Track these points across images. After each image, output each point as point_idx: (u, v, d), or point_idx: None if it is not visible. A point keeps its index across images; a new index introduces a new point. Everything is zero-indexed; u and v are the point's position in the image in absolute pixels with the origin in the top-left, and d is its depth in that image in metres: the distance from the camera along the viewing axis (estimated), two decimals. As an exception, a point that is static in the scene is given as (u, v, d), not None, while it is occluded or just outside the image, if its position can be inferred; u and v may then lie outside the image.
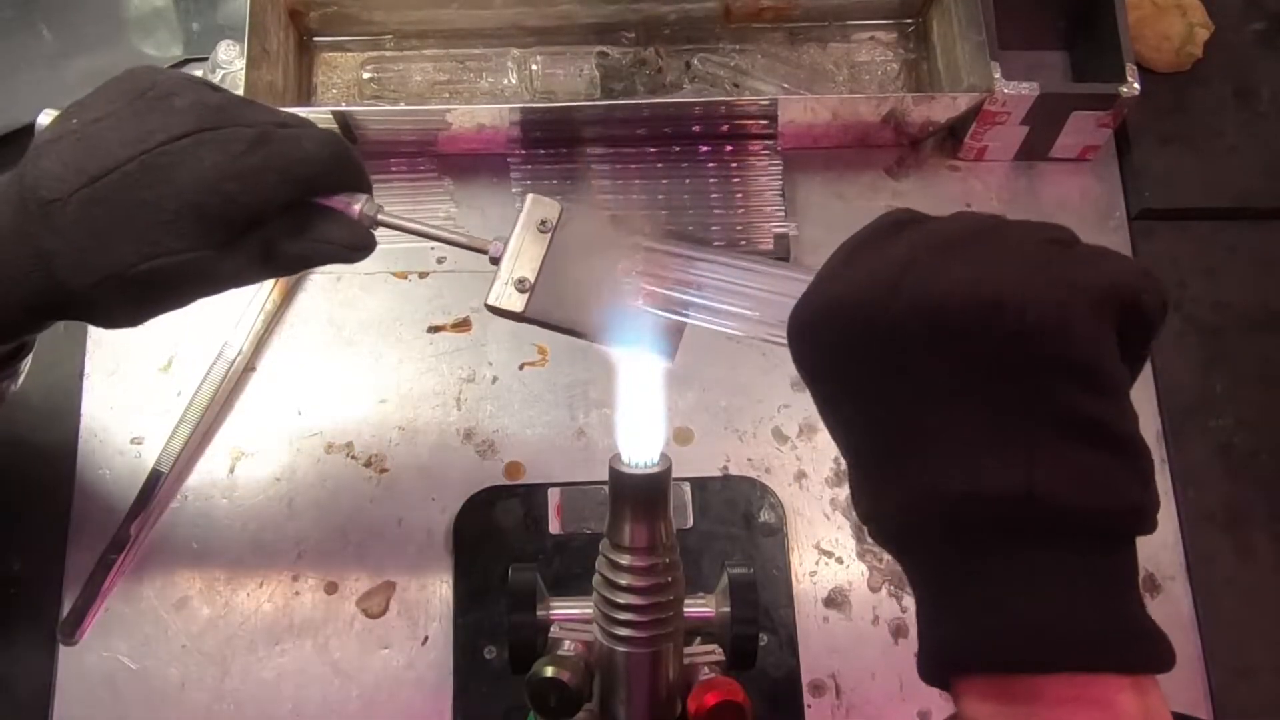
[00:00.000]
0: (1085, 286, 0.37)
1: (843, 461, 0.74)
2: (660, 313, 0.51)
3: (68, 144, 0.50)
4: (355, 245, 0.54)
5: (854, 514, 0.73)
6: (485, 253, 0.55)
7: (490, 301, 0.54)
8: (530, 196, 0.55)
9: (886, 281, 0.38)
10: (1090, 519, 0.37)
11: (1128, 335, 0.38)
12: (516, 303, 0.54)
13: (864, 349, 0.39)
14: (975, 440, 0.37)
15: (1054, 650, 0.37)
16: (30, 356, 0.61)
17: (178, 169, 0.49)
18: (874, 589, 0.72)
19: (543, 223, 0.54)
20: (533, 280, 0.54)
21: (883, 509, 0.41)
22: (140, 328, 0.75)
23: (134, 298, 0.51)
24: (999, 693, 0.38)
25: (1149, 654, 0.37)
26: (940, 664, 0.40)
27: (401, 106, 0.81)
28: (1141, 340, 0.39)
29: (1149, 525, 0.38)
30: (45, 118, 0.54)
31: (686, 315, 0.51)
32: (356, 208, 0.54)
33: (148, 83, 0.51)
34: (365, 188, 0.55)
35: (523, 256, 0.54)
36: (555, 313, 0.54)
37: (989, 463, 0.37)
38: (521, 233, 0.54)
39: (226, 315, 0.75)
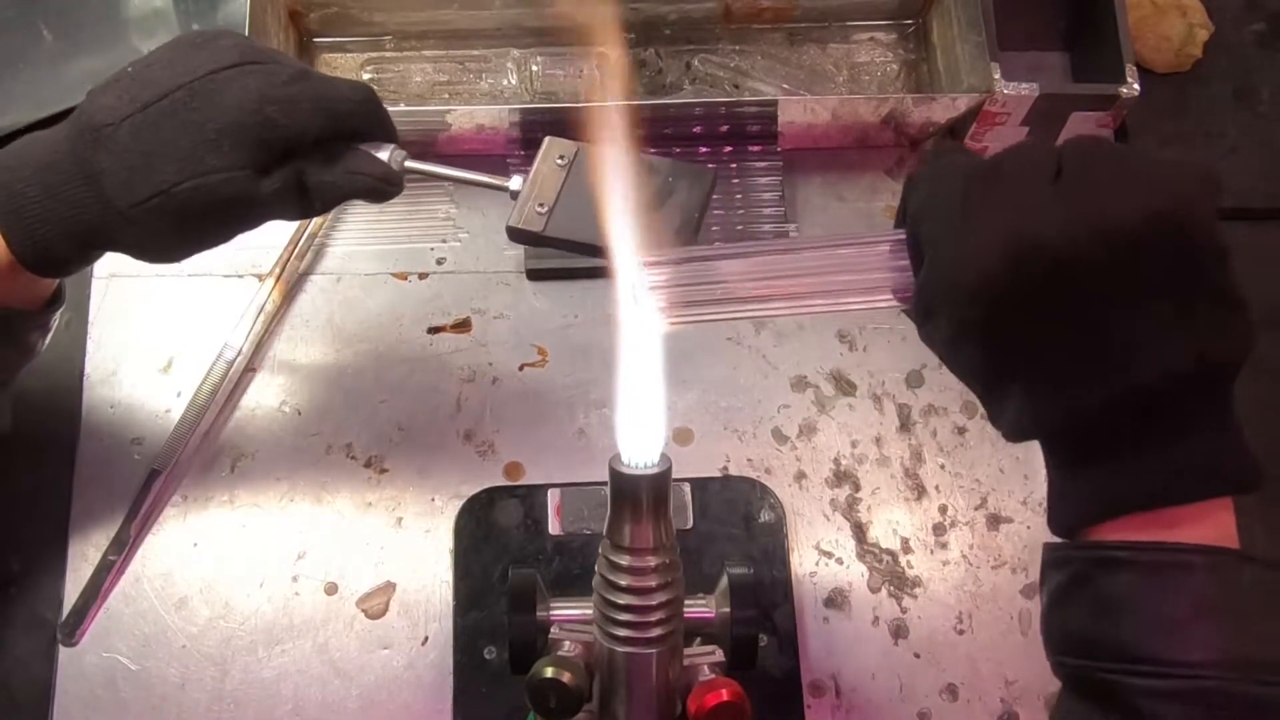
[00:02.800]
0: (1205, 183, 0.43)
1: (842, 462, 0.74)
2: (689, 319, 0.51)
3: (123, 82, 0.54)
4: (386, 179, 0.58)
5: (854, 515, 0.73)
6: (507, 189, 0.59)
7: (511, 222, 0.59)
8: (548, 138, 0.60)
9: (1060, 219, 0.42)
10: (1237, 369, 0.44)
11: None
12: (537, 222, 0.59)
13: (1058, 286, 0.43)
14: (1162, 327, 0.43)
15: (1200, 486, 0.44)
16: (60, 311, 0.63)
17: (223, 93, 0.53)
18: (874, 589, 0.72)
19: (560, 158, 0.59)
20: (551, 204, 0.58)
21: (1072, 409, 0.45)
22: (139, 328, 0.76)
23: (177, 220, 0.54)
24: (1134, 524, 0.44)
25: (1255, 477, 0.45)
26: (1084, 515, 0.46)
27: (401, 107, 0.81)
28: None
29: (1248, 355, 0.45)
30: None
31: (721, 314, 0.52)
32: (384, 154, 0.58)
33: (195, 34, 0.56)
34: (393, 137, 0.59)
35: (542, 186, 0.59)
36: (573, 230, 0.58)
37: (1171, 343, 0.43)
38: (540, 166, 0.59)
39: (226, 315, 0.75)
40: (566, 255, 0.76)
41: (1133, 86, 0.76)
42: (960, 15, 0.79)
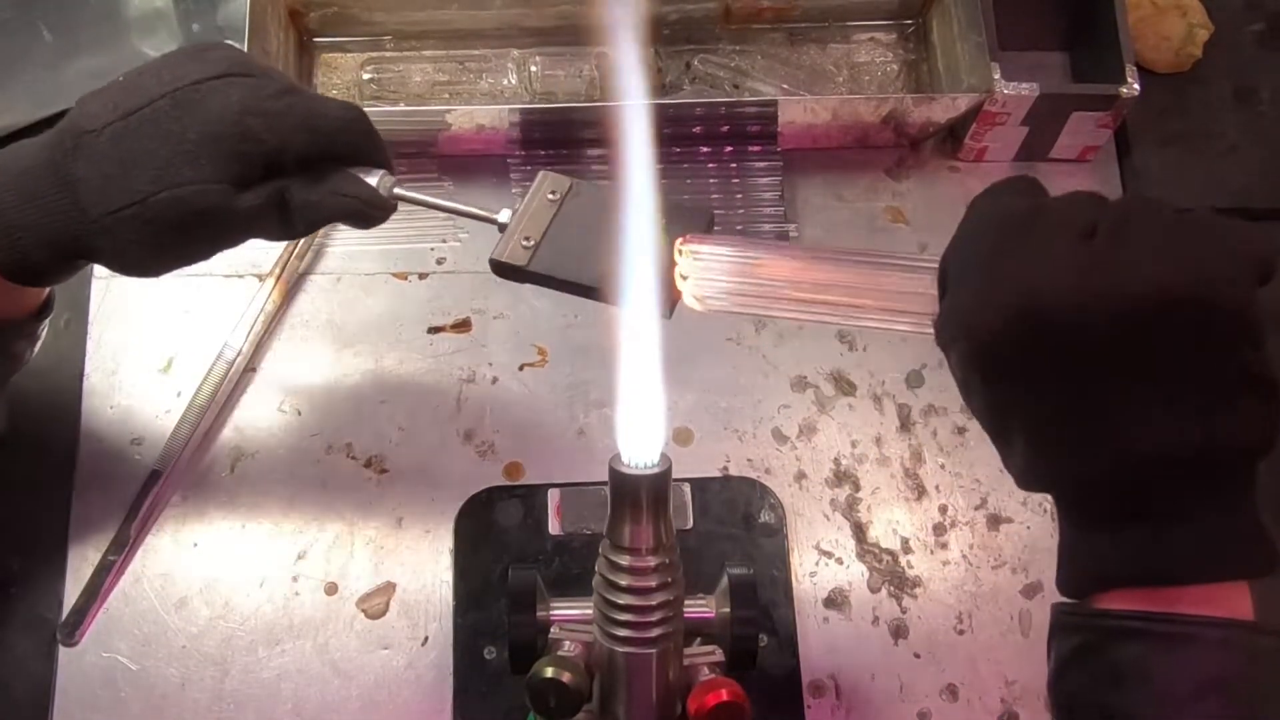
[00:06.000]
0: (1244, 260, 0.41)
1: (842, 462, 0.74)
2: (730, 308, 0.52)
3: (111, 90, 0.53)
4: (372, 203, 0.56)
5: (854, 515, 0.73)
6: (496, 221, 0.57)
7: (494, 256, 0.56)
8: (542, 172, 0.57)
9: (1072, 286, 0.41)
10: (1252, 458, 0.43)
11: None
12: (521, 257, 0.56)
13: (1061, 350, 0.42)
14: (1168, 405, 0.42)
15: (1200, 571, 0.43)
16: (48, 321, 0.62)
17: (206, 103, 0.52)
18: (874, 589, 0.72)
19: (552, 193, 0.56)
20: (538, 239, 0.55)
21: (1068, 471, 0.45)
22: (139, 328, 0.76)
23: (152, 232, 0.53)
24: (1142, 597, 0.44)
25: (1265, 563, 0.44)
26: (1091, 582, 0.46)
27: (401, 107, 0.81)
28: (1264, 283, 0.43)
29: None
30: None
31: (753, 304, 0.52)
32: (373, 179, 0.56)
33: (191, 46, 0.55)
34: (384, 163, 0.57)
35: (530, 220, 0.56)
36: (557, 269, 0.55)
37: (1180, 422, 0.42)
38: (530, 200, 0.56)
39: (226, 315, 0.75)
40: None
41: (1133, 86, 0.76)
42: (960, 15, 0.79)
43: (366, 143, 0.56)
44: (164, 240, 0.53)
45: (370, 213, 0.56)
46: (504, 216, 0.56)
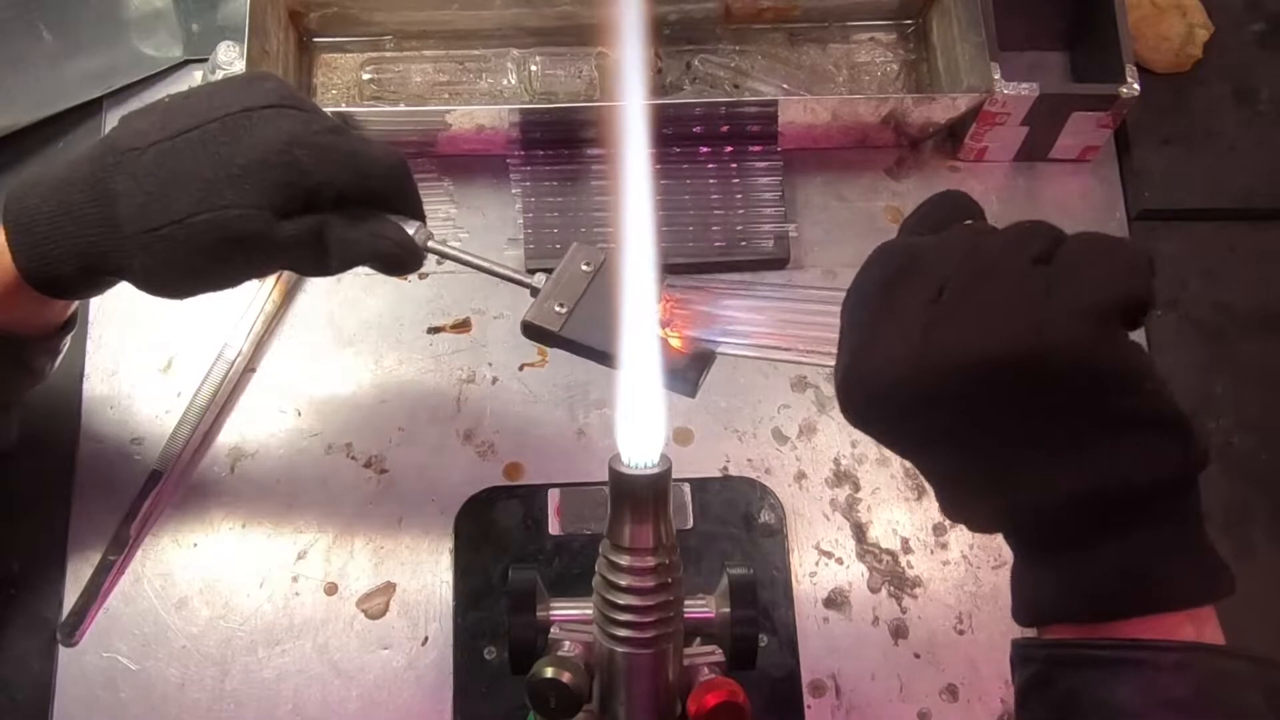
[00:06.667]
0: (1087, 310, 0.39)
1: (842, 462, 0.74)
2: (697, 339, 0.53)
3: (158, 109, 0.54)
4: (407, 248, 0.56)
5: (854, 515, 0.73)
6: (530, 285, 0.57)
7: (527, 318, 0.56)
8: (575, 244, 0.58)
9: (910, 358, 0.42)
10: (1146, 492, 0.41)
11: (1126, 317, 0.41)
12: (554, 321, 0.56)
13: (913, 417, 0.43)
14: (1037, 456, 0.42)
15: (1124, 603, 0.42)
16: (70, 336, 0.62)
17: (255, 131, 0.52)
18: (874, 589, 0.72)
19: (586, 263, 0.57)
20: (572, 306, 0.56)
21: (968, 519, 0.47)
22: (139, 328, 0.76)
23: (187, 253, 0.53)
24: (1083, 629, 0.44)
25: (1204, 590, 0.43)
26: (1031, 617, 0.46)
27: (401, 107, 0.81)
28: (1140, 314, 0.41)
29: (1200, 469, 0.42)
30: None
31: (722, 344, 0.53)
32: (410, 229, 0.56)
33: (241, 75, 0.56)
34: (420, 214, 0.57)
35: (564, 288, 0.56)
36: (588, 336, 0.55)
37: (1050, 472, 0.42)
38: (564, 269, 0.57)
39: (226, 315, 0.75)
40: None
41: (1133, 86, 0.76)
42: (960, 15, 0.79)
43: (406, 190, 0.56)
44: (197, 262, 0.53)
45: (405, 259, 0.56)
46: (537, 281, 0.57)
